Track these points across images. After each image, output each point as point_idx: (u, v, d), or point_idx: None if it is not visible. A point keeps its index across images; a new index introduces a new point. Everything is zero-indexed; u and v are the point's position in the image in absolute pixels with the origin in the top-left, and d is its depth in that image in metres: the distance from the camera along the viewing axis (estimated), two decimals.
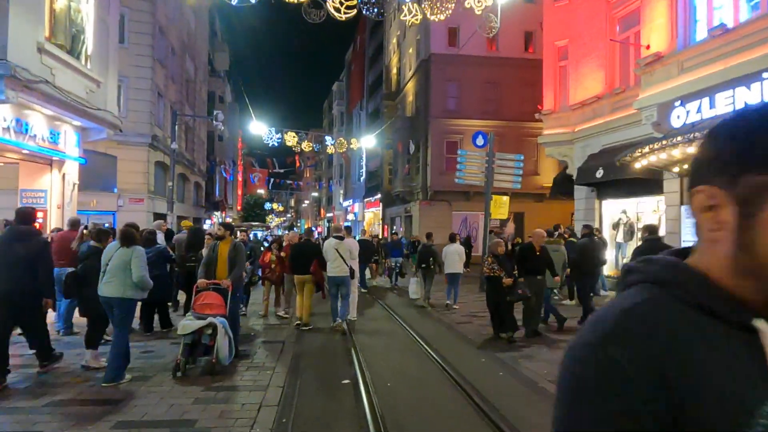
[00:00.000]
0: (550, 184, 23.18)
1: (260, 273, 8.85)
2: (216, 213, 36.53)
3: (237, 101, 43.07)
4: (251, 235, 18.39)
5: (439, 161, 23.36)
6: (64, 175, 9.01)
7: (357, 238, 13.08)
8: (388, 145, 28.37)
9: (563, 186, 13.43)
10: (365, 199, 37.53)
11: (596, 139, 11.78)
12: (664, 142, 7.16)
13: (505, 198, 11.24)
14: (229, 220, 39.29)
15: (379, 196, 32.44)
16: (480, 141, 10.88)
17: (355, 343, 6.27)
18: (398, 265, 12.95)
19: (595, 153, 11.68)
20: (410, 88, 26.96)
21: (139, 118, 16.83)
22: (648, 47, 9.09)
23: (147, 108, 17.00)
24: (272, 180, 39.80)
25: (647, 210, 10.81)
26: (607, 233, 11.84)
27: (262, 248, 10.22)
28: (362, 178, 38.65)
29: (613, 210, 11.77)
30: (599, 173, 10.52)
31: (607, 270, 10.44)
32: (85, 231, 6.60)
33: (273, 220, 75.78)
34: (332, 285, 7.17)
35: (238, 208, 41.78)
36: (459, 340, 6.82)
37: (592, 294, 8.69)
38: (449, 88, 23.77)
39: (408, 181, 25.78)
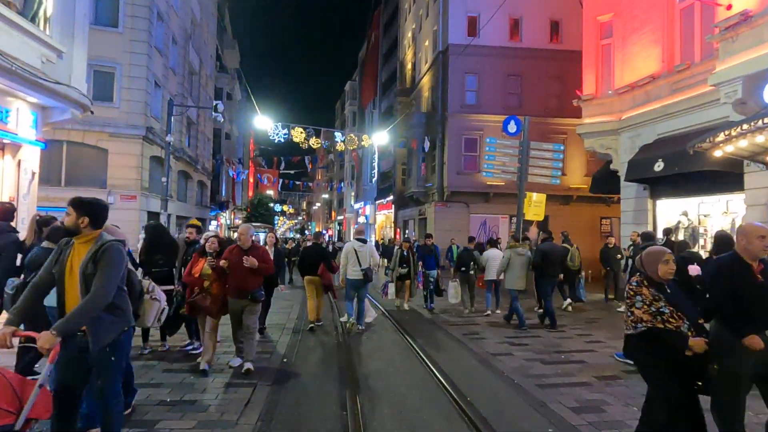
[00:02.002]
0: (578, 185, 21.39)
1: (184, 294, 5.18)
2: (223, 213, 35.34)
3: (249, 101, 42.10)
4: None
5: (456, 160, 21.67)
6: (19, 161, 7.60)
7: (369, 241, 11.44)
8: (401, 144, 26.75)
9: (605, 183, 11.61)
10: (377, 201, 35.98)
11: (650, 127, 9.97)
12: (765, 120, 5.35)
13: (542, 196, 9.49)
14: (238, 221, 38.03)
15: (391, 197, 30.84)
16: (512, 128, 9.18)
17: (357, 397, 4.16)
18: (433, 280, 9.16)
19: (648, 144, 9.87)
20: (426, 82, 25.35)
21: (132, 109, 15.53)
22: (729, 7, 7.30)
23: (142, 98, 15.71)
24: (282, 181, 38.44)
25: (715, 211, 8.95)
26: (661, 241, 9.95)
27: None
28: (374, 179, 37.13)
29: (670, 211, 9.92)
30: (658, 166, 8.72)
31: None
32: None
33: (285, 223, 74.90)
34: (351, 288, 7.24)
35: (248, 209, 40.57)
36: (503, 389, 4.73)
37: (570, 300, 9.35)
38: (468, 81, 22.09)
39: (423, 181, 24.12)
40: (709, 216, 9.10)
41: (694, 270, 5.52)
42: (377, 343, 6.38)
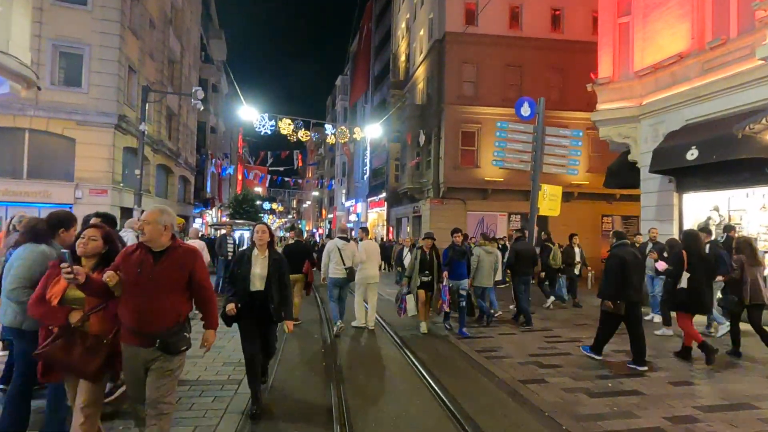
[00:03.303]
0: (579, 182, 20.44)
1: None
2: (208, 211, 33.88)
3: (237, 95, 40.54)
4: (235, 237, 15.62)
5: (453, 154, 20.59)
6: None
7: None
8: (395, 138, 25.63)
9: (622, 176, 10.61)
10: (369, 199, 34.84)
11: (676, 112, 8.97)
12: None
13: (557, 188, 8.43)
14: (225, 219, 36.55)
15: (383, 195, 29.72)
16: (526, 111, 8.10)
17: None
18: (464, 294, 6.92)
19: (675, 131, 8.87)
20: (421, 73, 24.23)
21: (103, 94, 14.15)
22: None
23: (113, 83, 14.32)
24: (270, 177, 37.04)
25: (752, 206, 7.97)
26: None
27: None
28: (366, 176, 35.99)
29: (698, 206, 8.94)
30: (691, 154, 7.71)
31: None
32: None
33: (275, 222, 73.33)
34: (333, 286, 6.97)
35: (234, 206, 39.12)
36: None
37: (553, 297, 9.36)
38: (465, 72, 21.01)
39: (417, 177, 23.02)
40: (744, 210, 8.12)
41: (661, 266, 6.15)
42: (376, 375, 5.24)
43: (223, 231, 10.88)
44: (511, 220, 21.75)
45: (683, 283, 5.23)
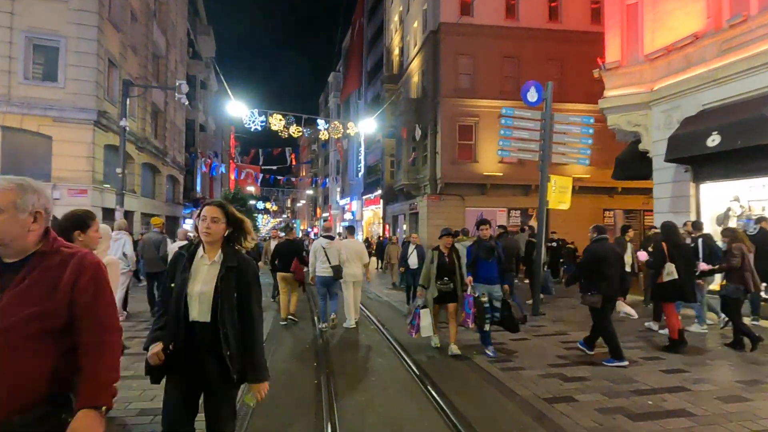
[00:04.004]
0: (580, 175, 19.89)
1: None
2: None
3: (227, 91, 39.57)
4: None
5: (450, 148, 20.00)
6: None
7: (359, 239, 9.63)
8: (389, 133, 24.99)
9: (632, 167, 10.04)
10: (364, 197, 34.17)
11: (691, 97, 8.40)
12: None
13: (567, 180, 7.84)
14: None
15: (379, 192, 29.08)
16: (533, 96, 7.48)
17: None
18: (496, 303, 5.39)
19: (691, 116, 8.31)
20: (415, 66, 23.60)
21: (81, 89, 13.36)
22: None
23: (92, 77, 13.54)
24: (262, 176, 36.26)
25: None
26: (707, 231, 8.42)
27: None
28: (360, 174, 35.30)
29: (717, 196, 8.39)
30: (712, 141, 7.14)
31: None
32: None
33: (269, 221, 72.44)
34: (321, 285, 6.92)
35: None
36: None
37: (542, 294, 8.86)
38: (461, 64, 20.42)
39: (414, 173, 22.41)
40: (767, 201, 7.58)
41: (642, 256, 6.19)
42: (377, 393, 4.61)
43: None
44: (510, 216, 21.22)
45: (674, 274, 5.37)
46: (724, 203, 8.18)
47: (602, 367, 4.77)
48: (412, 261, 8.56)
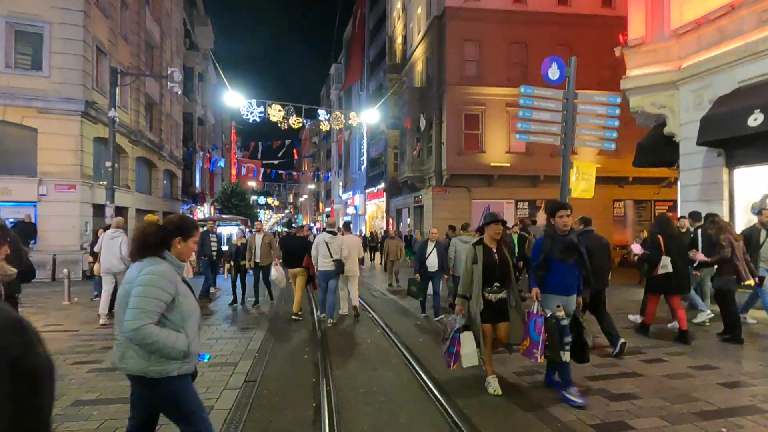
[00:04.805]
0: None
1: None
2: (200, 207, 32.45)
3: (224, 81, 38.76)
4: (222, 233, 14.24)
5: (456, 138, 19.24)
6: None
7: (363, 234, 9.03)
8: (393, 124, 24.22)
9: (655, 153, 9.28)
10: (366, 190, 33.47)
11: (726, 73, 7.63)
12: None
13: (591, 166, 7.11)
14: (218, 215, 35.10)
15: (382, 185, 28.36)
16: (554, 73, 6.74)
17: None
18: (564, 322, 3.76)
19: (725, 95, 7.54)
20: (419, 54, 22.77)
21: (67, 78, 12.67)
22: None
23: (78, 65, 12.83)
24: (264, 171, 35.58)
25: None
26: (740, 220, 7.69)
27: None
28: (363, 167, 34.59)
29: (752, 182, 7.64)
30: (755, 120, 6.40)
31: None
32: None
33: (272, 217, 71.89)
34: (323, 279, 7.02)
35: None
36: None
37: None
38: (467, 50, 19.59)
39: (418, 164, 21.66)
40: None
41: (636, 248, 6.19)
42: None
43: (205, 227, 9.58)
44: (518, 208, 20.49)
45: (669, 268, 5.39)
46: (761, 189, 7.43)
47: (647, 377, 4.08)
48: (432, 262, 7.16)
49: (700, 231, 6.42)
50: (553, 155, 19.96)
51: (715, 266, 5.74)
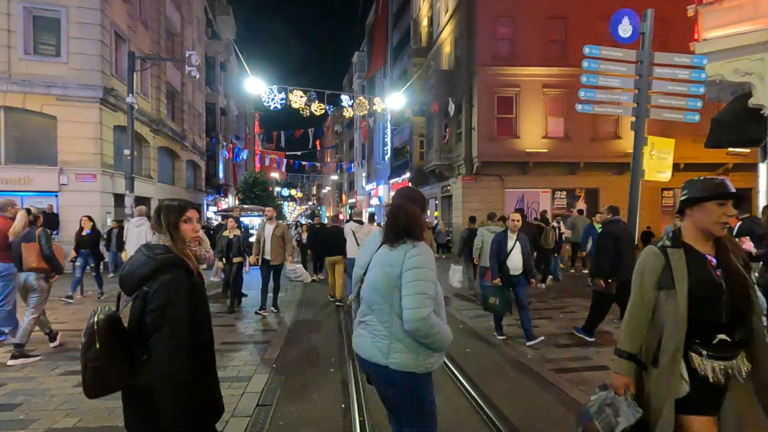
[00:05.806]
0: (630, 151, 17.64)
1: None
2: (224, 199, 32.34)
3: (245, 68, 38.45)
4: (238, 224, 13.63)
5: (488, 123, 18.05)
6: None
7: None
8: (419, 110, 23.13)
9: (736, 130, 7.95)
10: (391, 181, 32.53)
11: None
12: None
13: (668, 142, 5.97)
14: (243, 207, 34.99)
15: (407, 175, 27.37)
16: (626, 30, 5.62)
17: None
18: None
19: None
20: (447, 35, 21.55)
21: (85, 64, 12.26)
22: None
23: (96, 50, 12.40)
24: (287, 162, 35.15)
25: None
26: None
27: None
28: (387, 156, 33.63)
29: None
30: None
31: None
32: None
33: (295, 209, 72.04)
34: (350, 266, 7.14)
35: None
36: None
37: (551, 277, 9.82)
38: (500, 27, 18.28)
39: (446, 152, 20.59)
40: None
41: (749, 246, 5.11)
42: None
43: (220, 221, 8.99)
44: (555, 198, 19.16)
45: None
46: None
47: None
48: (515, 262, 5.18)
49: (739, 223, 5.42)
50: (594, 140, 18.56)
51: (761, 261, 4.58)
